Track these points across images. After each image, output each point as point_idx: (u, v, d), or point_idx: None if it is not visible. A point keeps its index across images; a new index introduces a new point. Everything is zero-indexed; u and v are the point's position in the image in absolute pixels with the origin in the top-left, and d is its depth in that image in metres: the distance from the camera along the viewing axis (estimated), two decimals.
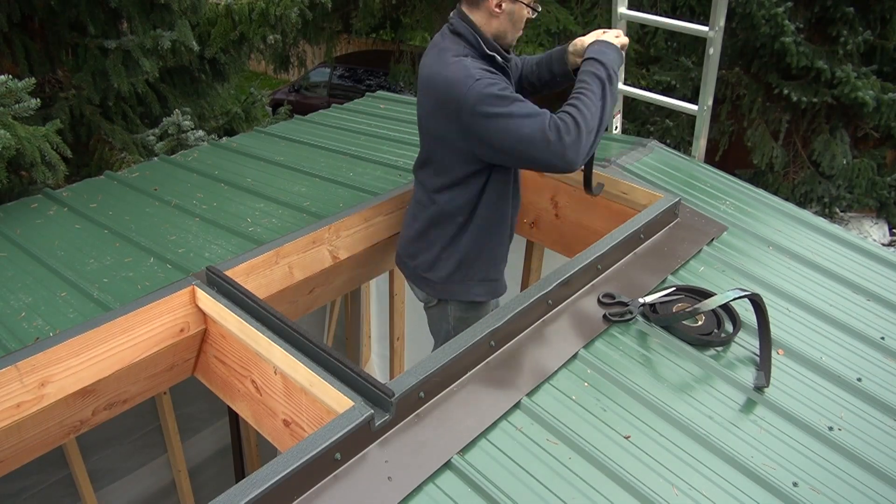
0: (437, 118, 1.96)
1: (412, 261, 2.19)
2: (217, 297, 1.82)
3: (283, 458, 1.31)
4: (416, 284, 2.24)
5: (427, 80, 1.97)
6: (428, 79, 1.96)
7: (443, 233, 2.10)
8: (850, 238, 2.36)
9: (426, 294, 2.22)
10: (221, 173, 2.72)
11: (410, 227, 2.19)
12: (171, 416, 3.26)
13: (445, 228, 2.09)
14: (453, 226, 2.08)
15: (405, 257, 2.23)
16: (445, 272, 2.13)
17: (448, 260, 2.12)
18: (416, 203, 2.18)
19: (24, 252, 2.17)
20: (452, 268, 2.12)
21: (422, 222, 2.13)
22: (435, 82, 1.92)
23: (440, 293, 2.18)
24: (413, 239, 2.17)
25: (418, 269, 2.18)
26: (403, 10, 10.02)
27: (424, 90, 2.00)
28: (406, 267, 2.24)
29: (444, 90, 1.89)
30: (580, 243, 2.37)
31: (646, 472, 1.44)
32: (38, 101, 2.86)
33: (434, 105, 1.96)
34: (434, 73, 1.94)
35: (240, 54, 5.38)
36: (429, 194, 2.09)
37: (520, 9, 1.98)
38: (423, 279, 2.18)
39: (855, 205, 7.18)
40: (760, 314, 1.78)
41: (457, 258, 2.11)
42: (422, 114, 2.05)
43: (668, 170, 2.68)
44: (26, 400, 1.63)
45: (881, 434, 1.61)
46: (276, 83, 13.57)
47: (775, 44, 6.41)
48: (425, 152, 2.10)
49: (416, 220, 2.15)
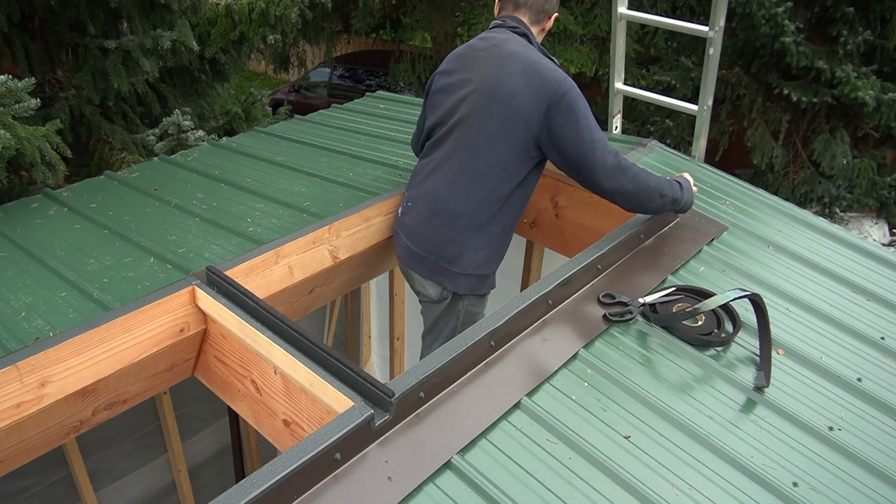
0: (524, 96, 2.06)
1: (433, 255, 2.17)
2: (217, 297, 1.82)
3: (283, 458, 1.31)
4: (434, 279, 2.20)
5: (526, 63, 2.09)
6: (527, 62, 2.09)
7: (481, 231, 2.14)
8: (850, 238, 2.37)
9: (442, 289, 2.20)
10: (221, 173, 2.72)
11: (440, 226, 2.15)
12: (171, 416, 3.26)
13: (485, 228, 2.14)
14: (491, 224, 2.14)
15: (424, 252, 2.19)
16: (473, 265, 2.15)
17: (477, 252, 2.15)
18: (446, 201, 2.15)
19: (24, 252, 2.17)
20: (482, 260, 2.16)
21: (458, 221, 2.13)
22: (537, 68, 2.08)
23: (462, 286, 2.18)
24: (446, 237, 2.15)
25: (442, 261, 2.16)
26: (403, 10, 10.03)
27: (520, 71, 2.08)
28: (423, 262, 2.20)
29: (544, 76, 2.06)
30: (580, 243, 2.38)
31: (646, 472, 1.44)
32: (38, 101, 2.85)
33: (526, 83, 2.06)
34: (534, 60, 2.10)
35: (240, 54, 5.38)
36: (467, 191, 2.12)
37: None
38: (447, 272, 2.16)
39: (855, 205, 7.19)
40: (760, 314, 1.78)
41: (488, 251, 2.16)
42: (500, 92, 2.08)
43: (668, 170, 2.68)
44: (26, 400, 1.63)
45: (881, 434, 1.61)
46: (276, 83, 13.57)
47: (775, 44, 6.41)
48: (471, 143, 2.12)
49: (450, 219, 2.14)
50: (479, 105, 2.12)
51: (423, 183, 2.23)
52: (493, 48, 2.16)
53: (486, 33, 2.24)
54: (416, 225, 2.22)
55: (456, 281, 2.17)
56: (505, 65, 2.10)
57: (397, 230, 2.30)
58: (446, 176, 2.16)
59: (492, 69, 2.12)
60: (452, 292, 2.20)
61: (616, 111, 3.08)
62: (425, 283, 2.23)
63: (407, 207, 2.27)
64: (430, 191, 2.18)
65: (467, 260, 2.14)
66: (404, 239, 2.25)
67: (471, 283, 2.18)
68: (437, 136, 2.22)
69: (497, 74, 2.10)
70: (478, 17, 8.57)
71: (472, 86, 2.15)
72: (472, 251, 2.14)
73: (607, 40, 8.06)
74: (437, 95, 2.25)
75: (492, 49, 2.16)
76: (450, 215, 2.13)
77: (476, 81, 2.14)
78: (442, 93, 2.24)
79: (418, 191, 2.23)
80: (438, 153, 2.20)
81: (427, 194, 2.19)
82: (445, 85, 2.24)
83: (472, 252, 2.14)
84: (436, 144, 2.23)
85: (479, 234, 2.14)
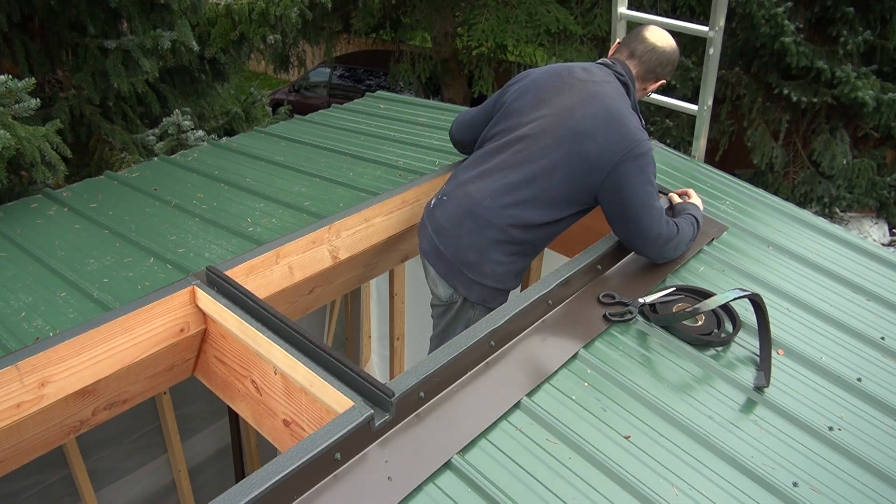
0: (597, 144, 2.01)
1: (454, 257, 2.13)
2: (217, 297, 1.82)
3: (283, 458, 1.31)
4: (448, 280, 2.16)
5: (613, 112, 2.05)
6: (615, 112, 2.06)
7: (509, 248, 2.10)
8: (850, 238, 2.37)
9: (454, 292, 2.16)
10: (221, 173, 2.72)
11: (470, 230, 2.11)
12: (171, 416, 3.26)
13: (514, 245, 2.10)
14: (521, 244, 2.11)
15: (447, 251, 2.14)
16: (491, 278, 2.10)
17: (498, 266, 2.10)
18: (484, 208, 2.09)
19: (24, 252, 2.17)
20: (501, 275, 2.12)
21: (490, 230, 2.09)
22: (622, 120, 2.04)
23: (474, 294, 2.13)
24: (472, 242, 2.11)
25: (461, 265, 2.12)
26: (403, 10, 10.04)
27: (604, 118, 2.04)
28: (442, 261, 2.16)
29: (626, 130, 2.02)
30: (580, 243, 2.37)
31: (646, 472, 1.44)
32: (38, 101, 2.85)
33: (604, 132, 2.02)
34: (623, 113, 2.06)
35: (240, 54, 5.39)
36: (510, 207, 2.08)
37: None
38: (463, 277, 2.12)
39: (855, 205, 7.19)
40: (760, 314, 1.78)
41: (509, 268, 2.12)
42: (575, 130, 2.04)
43: (668, 170, 2.68)
44: (26, 400, 1.63)
45: (881, 434, 1.61)
46: (276, 83, 13.57)
47: (775, 44, 6.42)
48: (530, 164, 2.08)
49: (482, 226, 2.09)
50: (552, 131, 2.06)
51: (466, 183, 2.16)
52: (590, 83, 2.11)
53: (591, 65, 2.20)
54: (445, 222, 2.15)
55: (470, 288, 2.13)
56: (593, 104, 2.06)
57: (425, 221, 2.24)
58: (492, 186, 2.10)
59: (579, 102, 2.07)
60: (463, 298, 2.15)
61: None
62: (438, 281, 2.19)
63: (441, 201, 2.20)
64: (471, 193, 2.12)
65: (487, 270, 2.10)
66: (430, 232, 2.19)
67: (484, 293, 2.13)
68: (499, 142, 2.17)
69: (582, 110, 2.06)
70: (478, 18, 8.58)
71: (553, 109, 2.10)
72: (493, 263, 2.09)
73: (607, 40, 8.06)
74: (517, 103, 2.18)
75: (588, 83, 2.11)
76: (481, 223, 2.08)
77: (559, 108, 2.09)
78: (522, 101, 2.17)
79: (458, 189, 2.17)
80: (493, 160, 2.14)
81: (467, 195, 2.13)
82: (530, 96, 2.17)
83: (494, 265, 2.09)
84: (494, 150, 2.16)
85: (505, 250, 2.09)
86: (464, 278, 2.12)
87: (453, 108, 3.47)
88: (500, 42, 8.87)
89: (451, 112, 3.40)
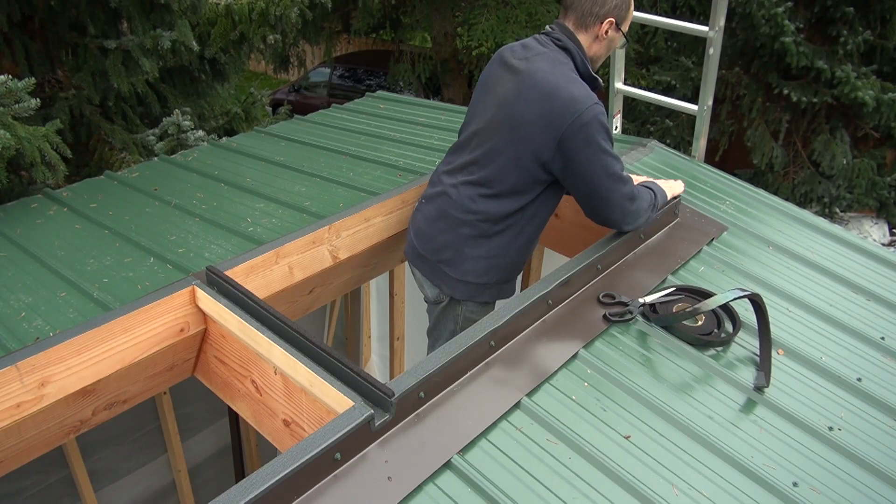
0: (536, 127, 1.95)
1: (434, 256, 2.15)
2: (217, 297, 1.82)
3: (283, 458, 1.31)
4: (433, 280, 2.18)
5: (545, 88, 1.94)
6: (547, 87, 1.94)
7: (485, 241, 2.09)
8: (850, 238, 2.37)
9: (440, 291, 2.18)
10: (221, 173, 2.72)
11: (443, 229, 2.12)
12: (171, 416, 3.26)
13: (490, 238, 2.09)
14: (497, 235, 2.09)
15: (426, 252, 2.17)
16: (473, 273, 2.11)
17: (479, 261, 2.10)
18: (454, 206, 2.10)
19: (24, 252, 2.17)
20: (483, 269, 2.11)
21: (463, 228, 2.09)
22: (557, 93, 1.92)
23: (459, 292, 2.14)
24: (447, 241, 2.12)
25: (441, 264, 2.13)
26: (403, 10, 10.04)
27: (537, 97, 1.95)
28: (424, 262, 2.19)
29: (563, 102, 1.91)
30: (580, 243, 2.37)
31: (646, 472, 1.44)
32: (38, 101, 2.86)
33: (541, 113, 1.94)
34: (557, 85, 1.94)
35: (240, 54, 5.39)
36: (475, 201, 2.07)
37: (618, 38, 2.07)
38: (445, 276, 2.14)
39: (855, 205, 7.19)
40: (760, 314, 1.78)
41: (490, 262, 2.11)
42: (512, 117, 1.99)
43: (668, 170, 2.68)
44: (26, 400, 1.63)
45: (881, 434, 1.61)
46: (276, 83, 13.57)
47: (775, 44, 6.41)
48: (484, 158, 2.06)
49: (454, 224, 2.10)
50: (497, 124, 2.05)
51: (437, 183, 2.19)
52: (523, 61, 2.03)
53: (530, 39, 2.10)
54: (422, 224, 2.19)
55: (453, 286, 2.14)
56: (526, 86, 1.98)
57: (409, 226, 2.29)
58: (459, 181, 2.12)
59: (514, 88, 2.01)
60: (449, 296, 2.17)
61: (616, 111, 3.08)
62: (424, 282, 2.22)
63: (421, 204, 2.24)
64: (443, 192, 2.15)
65: (467, 267, 2.11)
66: (412, 235, 2.23)
67: (469, 290, 2.14)
68: (461, 139, 2.19)
69: (515, 97, 2.00)
70: (478, 18, 8.58)
71: (496, 98, 2.07)
72: (473, 259, 2.10)
73: None
74: (474, 97, 2.18)
75: (523, 62, 2.03)
76: (455, 221, 2.10)
77: (500, 98, 2.05)
78: (476, 95, 2.17)
79: (433, 190, 2.20)
80: (459, 158, 2.16)
81: (439, 195, 2.16)
82: (480, 88, 2.15)
83: (474, 260, 2.10)
84: (458, 147, 2.19)
85: (483, 244, 2.09)
86: (446, 277, 2.14)
87: (453, 108, 3.47)
88: (501, 42, 8.85)
89: (451, 112, 3.40)
